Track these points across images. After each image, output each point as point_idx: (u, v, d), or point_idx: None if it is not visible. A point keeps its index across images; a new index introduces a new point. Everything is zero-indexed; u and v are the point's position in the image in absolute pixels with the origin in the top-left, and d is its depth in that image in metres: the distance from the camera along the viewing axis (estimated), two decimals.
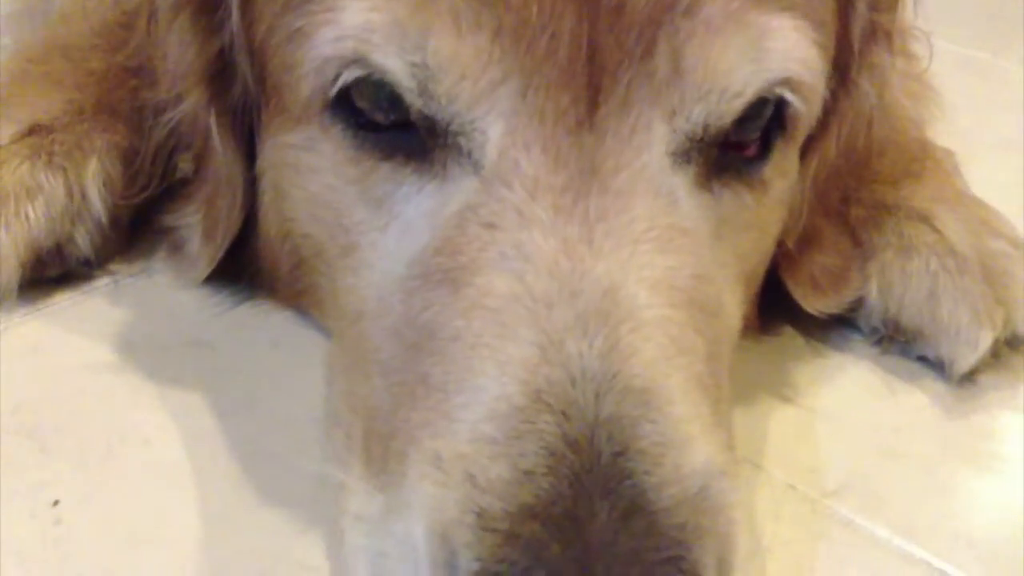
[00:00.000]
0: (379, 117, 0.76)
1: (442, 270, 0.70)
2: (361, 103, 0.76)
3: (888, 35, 0.89)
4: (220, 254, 0.93)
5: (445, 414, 0.65)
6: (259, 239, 0.94)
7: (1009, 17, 1.67)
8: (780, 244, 0.91)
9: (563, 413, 0.62)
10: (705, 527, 0.61)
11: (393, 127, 0.76)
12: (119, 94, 1.04)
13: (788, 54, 0.75)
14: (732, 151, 0.78)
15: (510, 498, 0.60)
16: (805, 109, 0.79)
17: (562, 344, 0.64)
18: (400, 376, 0.70)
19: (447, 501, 0.62)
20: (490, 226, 0.70)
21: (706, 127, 0.73)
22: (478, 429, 0.63)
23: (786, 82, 0.76)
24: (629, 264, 0.68)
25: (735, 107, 0.74)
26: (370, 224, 0.78)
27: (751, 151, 0.79)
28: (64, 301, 0.98)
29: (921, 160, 1.03)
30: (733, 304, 0.80)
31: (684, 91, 0.72)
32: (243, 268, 0.97)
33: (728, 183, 0.78)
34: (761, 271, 0.90)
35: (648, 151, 0.72)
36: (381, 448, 0.70)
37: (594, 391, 0.63)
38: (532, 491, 0.60)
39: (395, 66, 0.72)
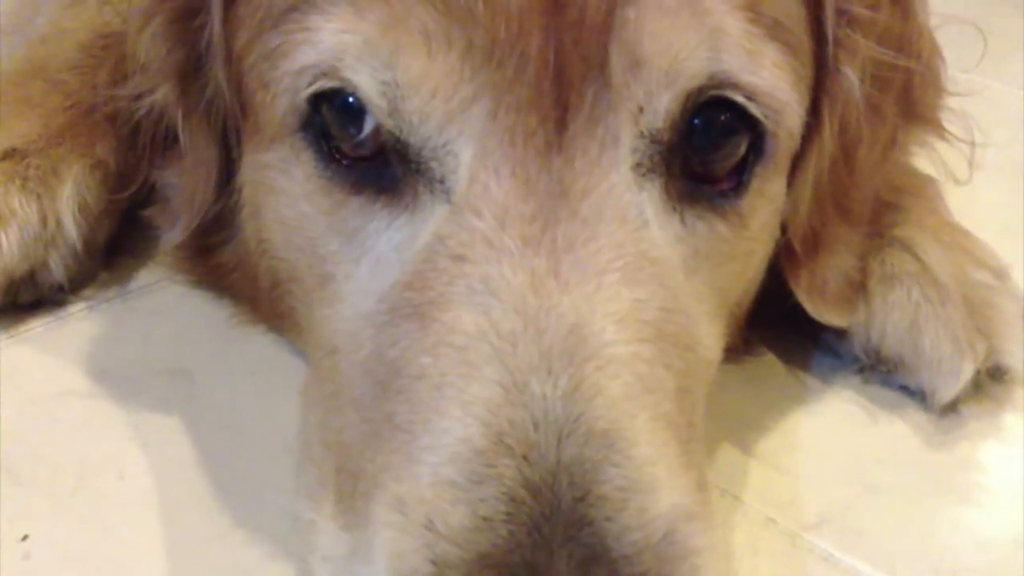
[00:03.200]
0: (348, 149, 0.76)
1: (411, 305, 0.70)
2: (333, 130, 0.76)
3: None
4: (194, 223, 0.93)
5: (409, 456, 0.64)
6: (241, 245, 0.93)
7: (996, 37, 1.67)
8: (786, 245, 0.90)
9: (524, 457, 0.62)
10: (668, 575, 0.60)
11: (362, 160, 0.75)
12: (97, 116, 1.03)
13: (743, 44, 0.74)
14: (705, 184, 0.77)
15: (468, 546, 0.60)
16: (778, 122, 0.78)
17: (526, 384, 0.64)
18: (369, 413, 0.70)
19: (407, 548, 0.61)
20: (459, 258, 0.70)
21: (665, 113, 0.72)
22: (440, 473, 0.62)
23: (743, 86, 0.75)
24: (596, 297, 0.68)
25: (690, 87, 0.73)
26: (344, 255, 0.77)
27: (725, 184, 0.78)
28: (38, 327, 0.97)
29: (904, 187, 1.02)
30: (710, 337, 0.79)
31: (641, 80, 0.72)
32: (226, 274, 0.96)
33: (702, 215, 0.77)
34: (748, 299, 0.90)
35: (615, 170, 0.72)
36: (350, 486, 0.69)
37: (556, 434, 0.62)
38: (490, 539, 0.59)
39: (366, 83, 0.72)
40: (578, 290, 0.68)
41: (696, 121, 0.75)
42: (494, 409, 0.63)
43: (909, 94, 0.95)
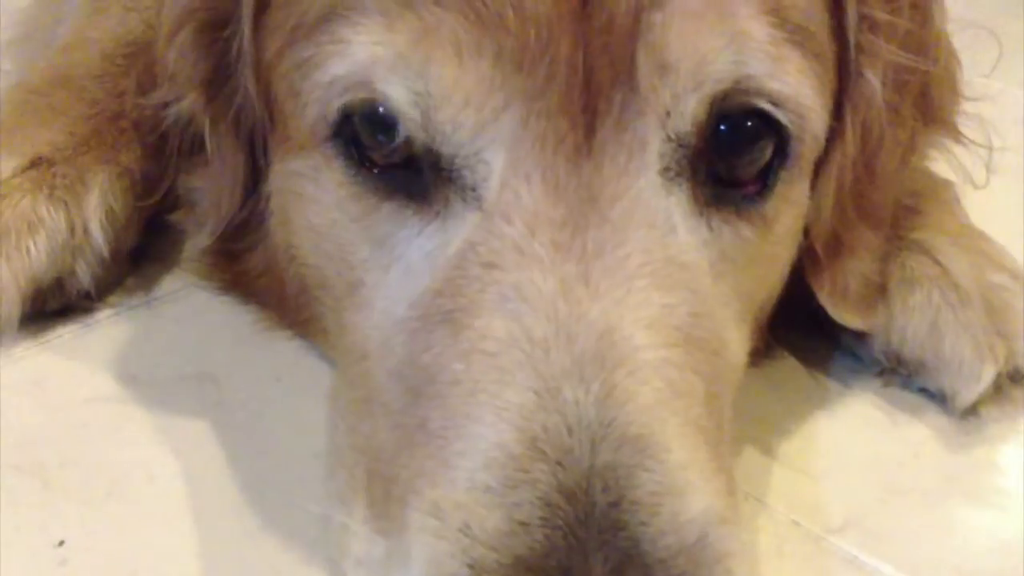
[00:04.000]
0: (378, 157, 0.76)
1: (442, 312, 0.71)
2: (363, 139, 0.76)
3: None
4: (220, 228, 0.94)
5: (444, 462, 0.65)
6: (268, 252, 0.94)
7: (1001, 39, 1.67)
8: (809, 248, 0.90)
9: (558, 462, 0.63)
10: None
11: (392, 167, 0.76)
12: (122, 123, 1.04)
13: (767, 50, 0.75)
14: (731, 188, 0.78)
15: (505, 550, 0.60)
16: (803, 126, 0.78)
17: (559, 390, 0.65)
18: (401, 419, 0.70)
19: (443, 552, 0.62)
20: (490, 265, 0.70)
21: (693, 117, 0.73)
22: (475, 478, 0.63)
23: (767, 92, 0.75)
24: (625, 303, 0.69)
25: (716, 90, 0.73)
26: (374, 263, 0.78)
27: (751, 188, 0.79)
28: (66, 334, 0.98)
29: (922, 190, 1.03)
30: (737, 341, 0.80)
31: (669, 84, 0.72)
32: (252, 280, 0.97)
33: (727, 219, 0.78)
34: (771, 303, 0.90)
35: (643, 175, 0.73)
36: (383, 491, 0.70)
37: (590, 439, 0.63)
38: (526, 543, 0.60)
39: (399, 94, 0.73)
40: (608, 296, 0.68)
41: (722, 127, 0.75)
42: (528, 415, 0.64)
43: (927, 98, 0.95)
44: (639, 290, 0.69)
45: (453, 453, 0.65)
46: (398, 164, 0.76)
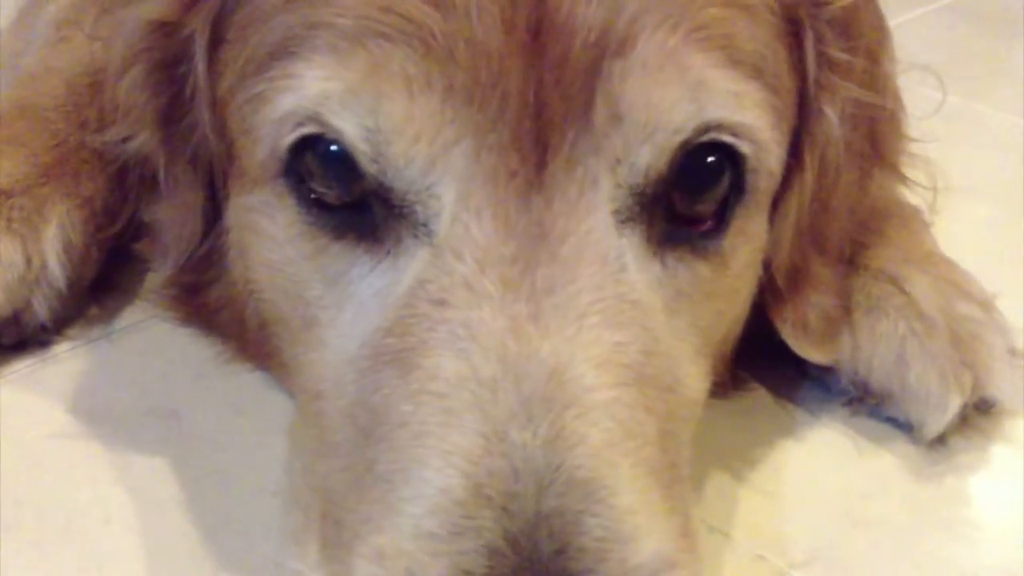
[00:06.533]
0: (330, 196, 0.76)
1: (392, 351, 0.70)
2: (314, 180, 0.76)
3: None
4: (180, 260, 0.93)
5: (390, 506, 0.64)
6: (229, 285, 0.93)
7: (983, 60, 1.68)
8: (770, 282, 0.90)
9: (504, 508, 0.62)
10: None
11: (344, 205, 0.75)
12: (84, 154, 1.03)
13: (726, 90, 0.74)
14: (685, 226, 0.77)
15: None
16: (760, 160, 0.78)
17: (506, 433, 0.64)
18: (352, 460, 0.70)
19: None
20: (440, 303, 0.70)
21: (647, 170, 0.73)
22: (420, 524, 0.62)
23: (728, 126, 0.75)
24: (576, 341, 0.68)
25: (674, 143, 0.73)
26: (328, 300, 0.77)
27: (706, 225, 0.78)
28: (22, 368, 0.97)
29: (889, 217, 1.02)
30: (694, 376, 0.79)
31: (624, 136, 0.72)
32: (214, 313, 0.96)
33: (683, 257, 0.77)
34: (733, 336, 0.89)
35: (595, 213, 0.72)
36: (335, 534, 0.69)
37: (536, 483, 0.62)
38: None
39: (350, 129, 0.72)
40: (558, 334, 0.68)
41: (684, 165, 0.74)
42: (474, 459, 0.63)
43: (874, 138, 0.95)
44: (589, 328, 0.68)
45: (399, 498, 0.64)
46: (349, 202, 0.75)
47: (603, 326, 0.69)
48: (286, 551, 0.75)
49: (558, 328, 0.68)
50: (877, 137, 0.94)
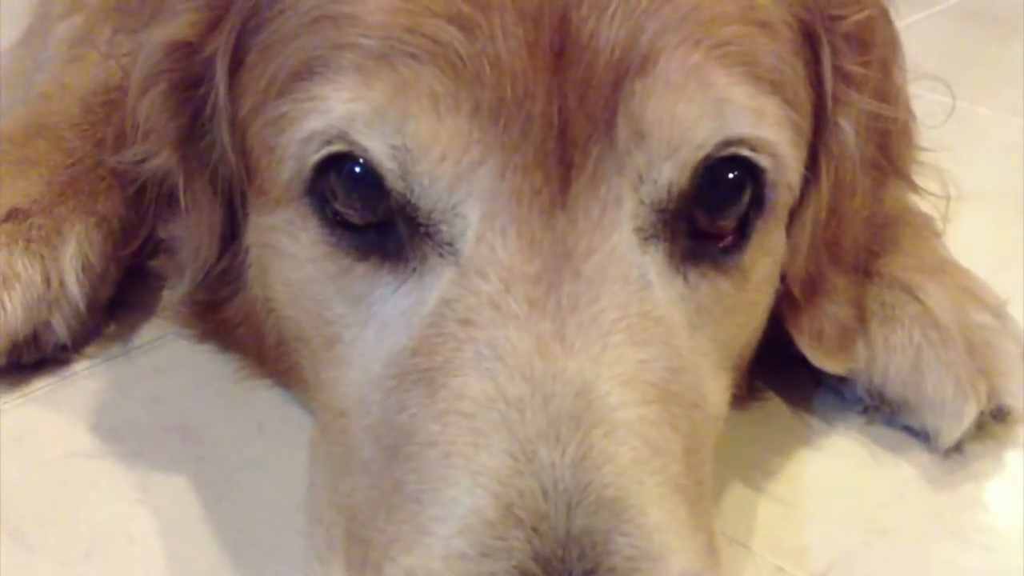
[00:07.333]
0: (354, 216, 0.76)
1: (419, 371, 0.70)
2: (338, 200, 0.76)
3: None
4: (198, 278, 0.94)
5: (419, 527, 0.65)
6: (247, 302, 0.93)
7: (983, 63, 1.68)
8: (786, 292, 0.90)
9: (534, 528, 0.62)
10: None
11: (369, 225, 0.76)
12: (100, 172, 1.04)
13: (747, 106, 0.75)
14: (707, 241, 0.78)
15: None
16: (779, 175, 0.79)
17: (535, 452, 0.64)
18: (378, 479, 0.70)
19: None
20: (466, 322, 0.70)
21: (670, 187, 0.73)
22: (450, 545, 0.63)
23: (749, 141, 0.75)
24: (601, 360, 0.68)
25: (696, 158, 0.74)
26: (351, 319, 0.77)
27: (727, 241, 0.79)
28: (43, 387, 0.97)
29: (902, 226, 1.03)
30: (716, 392, 0.79)
31: (647, 153, 0.72)
32: (232, 329, 0.96)
33: (704, 273, 0.77)
34: (751, 347, 0.90)
35: (618, 231, 0.73)
36: (361, 553, 0.69)
37: (566, 503, 0.63)
38: None
39: (377, 148, 0.73)
40: (583, 353, 0.68)
41: (706, 181, 0.75)
42: (503, 479, 0.64)
43: (887, 148, 0.96)
44: (614, 346, 0.69)
45: (428, 518, 0.64)
46: (374, 223, 0.76)
47: (628, 344, 0.69)
48: (310, 570, 0.75)
49: (583, 346, 0.68)
50: (890, 147, 0.95)
